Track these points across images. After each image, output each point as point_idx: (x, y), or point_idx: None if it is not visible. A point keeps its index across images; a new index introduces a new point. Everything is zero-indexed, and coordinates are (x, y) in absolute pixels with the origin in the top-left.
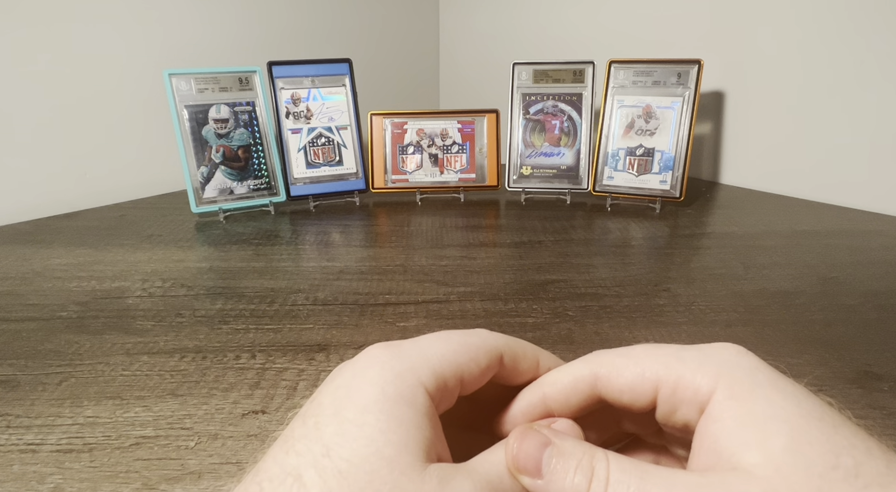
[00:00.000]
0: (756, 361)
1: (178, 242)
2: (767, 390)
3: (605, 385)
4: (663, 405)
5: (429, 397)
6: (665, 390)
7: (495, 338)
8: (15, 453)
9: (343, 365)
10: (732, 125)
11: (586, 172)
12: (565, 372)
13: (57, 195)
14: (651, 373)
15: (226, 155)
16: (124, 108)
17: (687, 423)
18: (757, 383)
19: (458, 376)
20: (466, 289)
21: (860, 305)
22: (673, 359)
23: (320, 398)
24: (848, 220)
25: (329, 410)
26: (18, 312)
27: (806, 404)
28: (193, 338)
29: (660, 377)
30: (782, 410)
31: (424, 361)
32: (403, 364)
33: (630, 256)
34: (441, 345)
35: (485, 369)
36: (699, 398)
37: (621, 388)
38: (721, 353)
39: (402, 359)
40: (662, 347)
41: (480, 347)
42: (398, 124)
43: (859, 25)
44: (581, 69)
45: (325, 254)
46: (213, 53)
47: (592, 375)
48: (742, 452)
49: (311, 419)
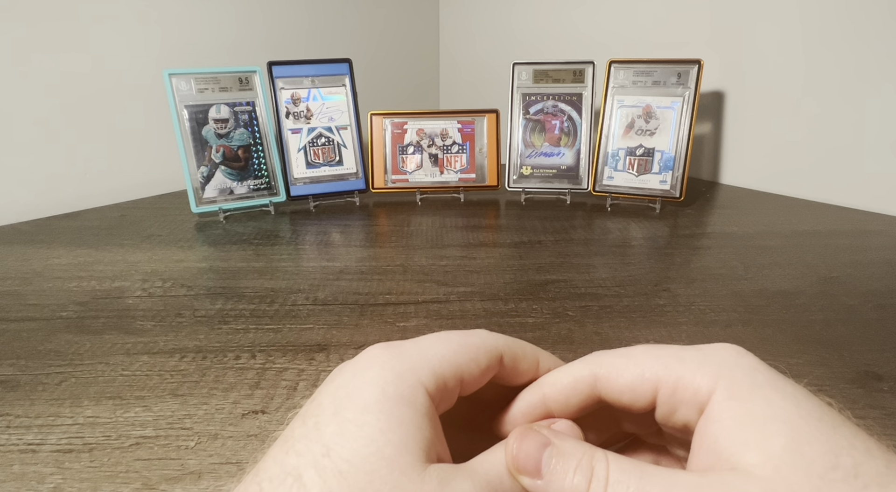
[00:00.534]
0: (755, 361)
1: (178, 242)
2: (767, 390)
3: (604, 386)
4: (663, 406)
5: (429, 398)
6: (664, 391)
7: (495, 338)
8: (15, 453)
9: (343, 365)
10: (732, 125)
11: (586, 172)
12: (565, 373)
13: (57, 195)
14: (650, 373)
15: (226, 155)
16: (124, 108)
17: (686, 423)
18: (756, 384)
19: (458, 377)
20: (466, 289)
21: (860, 305)
22: (672, 359)
23: (320, 399)
24: (848, 220)
25: (329, 410)
26: (18, 312)
27: (805, 405)
28: (193, 338)
29: (659, 378)
30: (782, 410)
31: (424, 361)
32: (404, 364)
33: (630, 256)
34: (441, 345)
35: (485, 369)
36: (698, 399)
37: (621, 388)
38: (720, 353)
39: (402, 359)
40: (662, 348)
41: (480, 348)
42: (398, 124)
43: (860, 25)
44: (581, 69)
45: (325, 254)
46: (213, 53)
47: (592, 375)
48: (742, 452)
49: (311, 419)
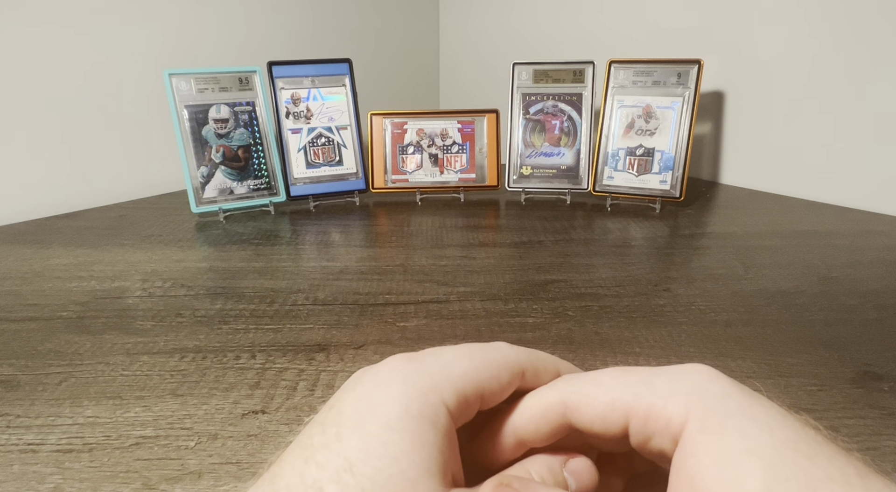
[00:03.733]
0: (727, 384)
1: (178, 242)
2: (739, 419)
3: (574, 414)
4: (636, 435)
5: (450, 417)
6: (636, 421)
7: (517, 353)
8: (15, 453)
9: (363, 373)
10: (732, 125)
11: (586, 172)
12: (535, 400)
13: (57, 195)
14: (620, 403)
15: (226, 155)
16: (124, 108)
17: (662, 451)
18: (728, 413)
19: (480, 394)
20: (466, 289)
21: (860, 305)
22: (642, 387)
23: (340, 407)
24: (848, 220)
25: (351, 421)
26: (18, 312)
27: (779, 433)
28: (193, 338)
29: (630, 407)
30: (756, 442)
31: (447, 378)
32: (426, 381)
33: (630, 256)
34: (464, 362)
35: (506, 385)
36: (671, 430)
37: (591, 418)
38: (692, 378)
39: (424, 376)
40: (632, 372)
41: (503, 365)
42: (398, 124)
43: (860, 25)
44: (581, 69)
45: (325, 254)
46: (213, 53)
47: (562, 403)
48: (721, 490)
49: (331, 429)
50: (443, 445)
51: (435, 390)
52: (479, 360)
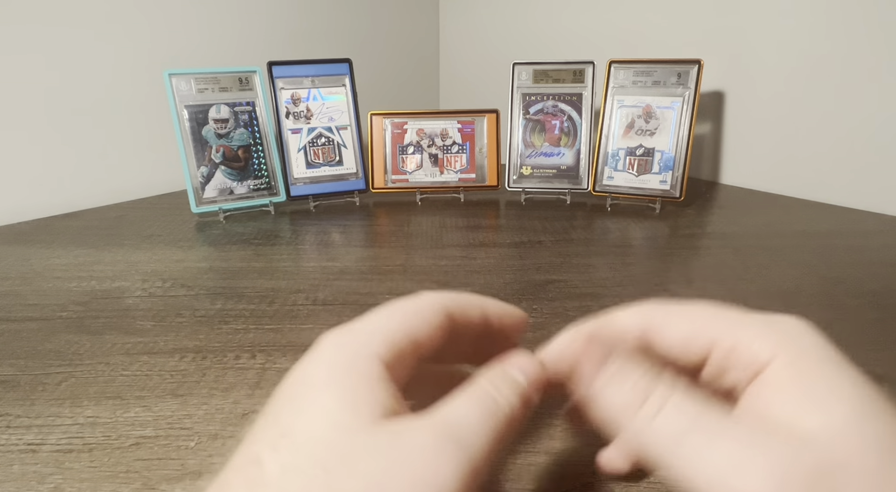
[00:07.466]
0: (822, 339)
1: (178, 242)
2: (830, 367)
3: (656, 337)
4: (713, 366)
5: (383, 365)
6: (719, 352)
7: (439, 296)
8: (15, 453)
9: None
10: (732, 125)
11: (586, 172)
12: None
13: (57, 195)
14: (708, 331)
15: (226, 155)
16: (124, 108)
17: (734, 387)
18: (820, 358)
19: (412, 340)
20: (466, 289)
21: (860, 305)
22: (734, 321)
23: (277, 394)
24: (848, 220)
25: (285, 399)
26: (18, 312)
27: (867, 389)
28: (193, 338)
29: (716, 337)
30: (843, 387)
31: (375, 333)
32: (356, 340)
33: (630, 256)
34: (392, 316)
35: (437, 327)
36: (755, 364)
37: (672, 342)
38: (789, 323)
39: (351, 335)
40: (724, 309)
41: (426, 308)
42: (398, 124)
43: (860, 25)
44: (581, 69)
45: (325, 254)
46: (213, 53)
47: (645, 323)
48: (800, 416)
49: (269, 413)
50: (374, 386)
51: (365, 346)
52: (403, 310)
